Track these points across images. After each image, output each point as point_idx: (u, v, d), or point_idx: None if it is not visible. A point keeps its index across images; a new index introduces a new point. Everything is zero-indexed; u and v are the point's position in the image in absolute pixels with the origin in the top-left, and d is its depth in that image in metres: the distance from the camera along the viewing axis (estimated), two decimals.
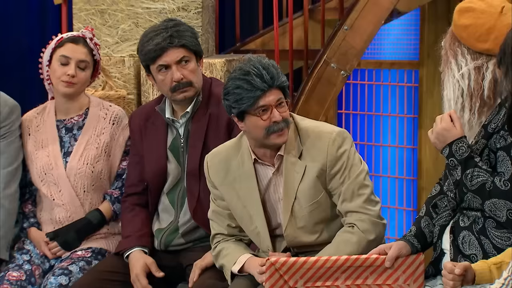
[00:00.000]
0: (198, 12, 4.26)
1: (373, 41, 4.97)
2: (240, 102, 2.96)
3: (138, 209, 3.52)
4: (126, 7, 4.33)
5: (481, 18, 2.87)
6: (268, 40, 5.07)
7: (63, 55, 3.56)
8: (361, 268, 2.78)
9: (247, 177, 3.10)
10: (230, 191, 3.14)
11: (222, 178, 3.15)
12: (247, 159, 3.10)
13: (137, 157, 3.54)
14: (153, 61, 3.36)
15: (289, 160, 3.05)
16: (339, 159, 3.03)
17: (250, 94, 2.94)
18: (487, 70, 2.86)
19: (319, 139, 3.05)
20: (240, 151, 3.13)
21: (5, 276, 3.41)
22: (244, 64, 3.00)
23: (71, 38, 3.59)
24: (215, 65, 4.11)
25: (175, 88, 3.35)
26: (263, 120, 2.97)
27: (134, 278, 3.34)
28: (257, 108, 2.96)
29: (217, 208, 3.21)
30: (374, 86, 6.15)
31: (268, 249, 3.11)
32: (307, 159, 3.05)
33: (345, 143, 3.05)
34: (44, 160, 3.60)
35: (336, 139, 3.04)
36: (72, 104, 3.66)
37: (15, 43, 5.07)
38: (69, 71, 3.54)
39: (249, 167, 3.10)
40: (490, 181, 2.69)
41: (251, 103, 2.95)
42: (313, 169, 3.04)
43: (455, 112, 2.83)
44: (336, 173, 3.03)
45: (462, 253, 2.77)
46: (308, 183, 3.04)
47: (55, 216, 3.60)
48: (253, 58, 3.03)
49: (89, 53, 3.60)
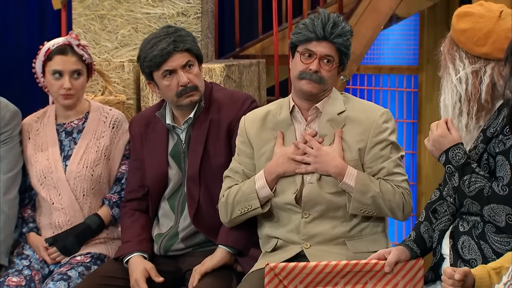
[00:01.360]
0: (198, 17, 4.26)
1: (373, 46, 4.98)
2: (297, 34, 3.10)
3: (138, 215, 3.52)
4: (126, 13, 4.34)
5: (480, 23, 2.87)
6: (268, 45, 5.08)
7: (55, 69, 3.55)
8: (360, 273, 2.78)
9: (284, 125, 3.14)
10: (266, 137, 3.16)
11: (258, 127, 3.18)
12: (285, 110, 3.16)
13: (138, 163, 3.54)
14: (158, 67, 3.34)
15: (328, 112, 3.11)
16: (384, 131, 3.08)
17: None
18: (485, 74, 2.86)
19: (367, 109, 3.12)
20: (280, 104, 3.19)
21: (4, 282, 3.41)
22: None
23: (58, 49, 3.56)
24: (214, 70, 4.12)
25: (181, 93, 3.34)
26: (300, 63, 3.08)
27: (134, 283, 3.34)
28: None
29: (236, 165, 3.22)
30: (373, 91, 6.15)
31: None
32: (349, 121, 3.10)
33: (391, 121, 3.12)
34: (43, 163, 3.61)
35: (385, 113, 3.11)
36: (73, 110, 3.67)
37: (15, 49, 5.08)
38: (64, 84, 3.55)
39: (286, 116, 3.14)
40: (488, 186, 2.69)
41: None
42: (352, 132, 3.08)
43: (451, 119, 2.83)
44: (377, 143, 3.07)
45: (461, 258, 2.77)
46: (347, 148, 3.07)
47: (54, 220, 3.60)
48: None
49: (79, 60, 3.58)
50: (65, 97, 3.58)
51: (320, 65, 3.06)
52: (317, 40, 3.06)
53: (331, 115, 3.11)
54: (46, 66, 3.58)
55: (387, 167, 3.06)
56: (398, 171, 3.07)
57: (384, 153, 3.07)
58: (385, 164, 3.06)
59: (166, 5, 4.28)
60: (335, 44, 3.08)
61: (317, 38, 3.05)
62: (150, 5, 4.30)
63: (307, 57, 3.07)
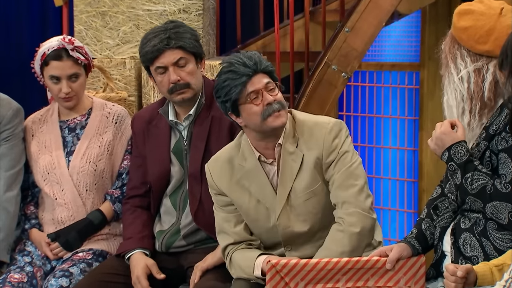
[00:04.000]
0: (199, 14, 4.26)
1: (374, 43, 4.98)
2: (229, 93, 2.97)
3: (140, 211, 3.53)
4: (127, 9, 4.34)
5: (481, 20, 2.87)
6: (269, 42, 5.08)
7: (52, 75, 3.56)
8: (362, 270, 2.78)
9: (254, 172, 3.09)
10: (239, 190, 3.12)
11: (228, 180, 3.13)
12: (249, 156, 3.09)
13: (140, 160, 3.54)
14: (151, 63, 3.37)
15: (287, 149, 3.06)
16: (335, 148, 3.04)
17: (237, 82, 2.96)
18: (487, 72, 2.86)
19: (316, 129, 3.07)
20: (240, 149, 3.12)
21: (6, 278, 3.42)
22: (227, 59, 3.03)
23: (53, 55, 3.55)
24: (216, 67, 4.11)
25: (172, 90, 3.35)
26: (256, 105, 2.98)
27: (135, 280, 3.34)
28: (247, 95, 2.97)
29: (223, 215, 3.16)
30: (375, 88, 6.15)
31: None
32: (304, 149, 3.06)
33: (341, 133, 3.07)
34: (47, 159, 3.62)
35: (333, 128, 3.06)
36: (75, 108, 3.68)
37: (16, 46, 5.08)
38: (62, 89, 3.55)
39: (254, 163, 3.08)
40: (490, 184, 2.69)
41: (239, 90, 2.96)
42: (310, 159, 3.05)
43: (459, 121, 2.83)
44: (331, 162, 3.04)
45: (463, 255, 2.77)
46: (305, 172, 3.05)
47: (57, 216, 3.60)
48: (235, 53, 3.07)
49: (75, 64, 3.57)
50: (65, 100, 3.59)
51: (270, 95, 2.99)
52: (250, 78, 2.97)
53: (290, 150, 3.06)
54: (43, 70, 3.59)
55: (344, 176, 3.01)
56: (354, 182, 3.01)
57: (338, 166, 3.03)
58: (340, 174, 3.02)
59: (168, 2, 4.28)
60: (264, 70, 3.00)
61: (248, 75, 2.96)
62: (151, 2, 4.30)
63: (255, 98, 2.98)
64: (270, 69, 3.02)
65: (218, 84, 3.01)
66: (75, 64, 3.58)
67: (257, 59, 2.99)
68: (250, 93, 2.97)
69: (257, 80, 2.98)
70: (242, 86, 2.96)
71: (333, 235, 2.99)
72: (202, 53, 3.44)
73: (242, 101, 2.98)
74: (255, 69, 2.98)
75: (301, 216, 3.07)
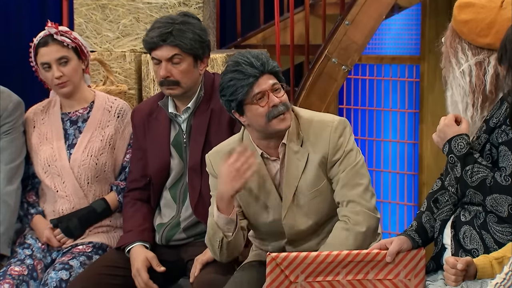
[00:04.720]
0: (199, 7, 4.25)
1: (374, 36, 4.97)
2: (235, 93, 2.96)
3: (140, 204, 3.53)
4: (127, 2, 4.33)
5: (481, 13, 2.87)
6: (269, 35, 5.07)
7: (42, 62, 3.58)
8: (362, 263, 2.78)
9: (257, 169, 3.06)
10: None
11: None
12: None
13: (140, 152, 3.54)
14: (149, 51, 3.40)
15: (291, 148, 3.06)
16: (340, 147, 3.04)
17: (244, 83, 2.94)
18: (488, 65, 2.85)
19: (320, 127, 3.07)
20: (240, 143, 3.11)
21: (7, 271, 3.42)
22: (233, 57, 3.01)
23: (41, 42, 3.58)
24: (216, 60, 4.11)
25: (162, 83, 3.37)
26: (262, 107, 2.97)
27: (135, 272, 3.35)
28: (253, 96, 2.96)
29: None
30: (375, 81, 6.14)
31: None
32: (309, 147, 3.06)
33: (346, 131, 3.07)
34: (48, 152, 3.62)
35: (338, 127, 3.06)
36: (76, 99, 3.67)
37: (16, 39, 5.07)
38: (54, 74, 3.55)
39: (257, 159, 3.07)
40: (490, 176, 2.69)
41: (245, 91, 2.95)
42: (315, 157, 3.04)
43: (463, 117, 2.83)
44: (336, 161, 3.05)
45: (463, 248, 2.77)
46: (310, 171, 3.05)
47: (58, 208, 3.61)
48: (242, 51, 3.05)
49: (62, 47, 3.58)
50: (60, 86, 3.59)
51: (276, 96, 2.98)
52: (257, 79, 2.95)
53: (294, 149, 3.06)
54: (37, 61, 3.61)
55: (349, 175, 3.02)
56: (359, 181, 3.02)
57: (343, 164, 3.03)
58: (346, 173, 3.03)
59: None
60: (271, 71, 2.99)
61: (255, 77, 2.95)
62: None
63: (261, 99, 2.97)
64: (276, 69, 3.01)
65: (223, 82, 2.98)
66: (62, 47, 3.57)
67: (264, 60, 2.97)
68: (256, 94, 2.96)
69: (264, 81, 2.97)
70: (248, 87, 2.95)
71: (338, 233, 3.00)
72: (203, 54, 3.41)
73: (248, 101, 2.97)
74: (262, 70, 2.96)
75: (307, 215, 3.08)
